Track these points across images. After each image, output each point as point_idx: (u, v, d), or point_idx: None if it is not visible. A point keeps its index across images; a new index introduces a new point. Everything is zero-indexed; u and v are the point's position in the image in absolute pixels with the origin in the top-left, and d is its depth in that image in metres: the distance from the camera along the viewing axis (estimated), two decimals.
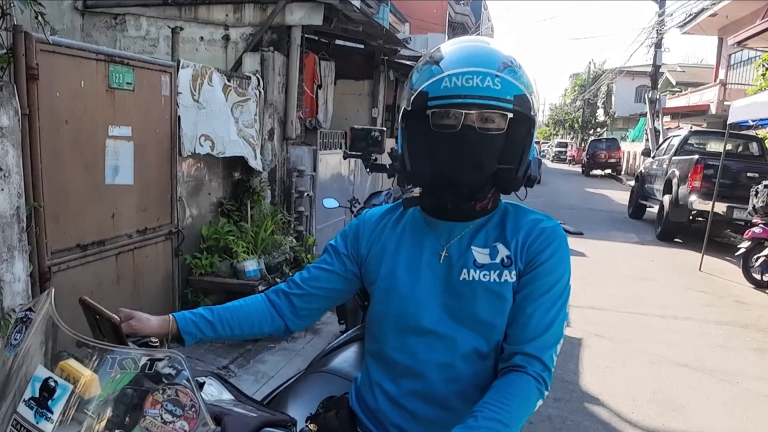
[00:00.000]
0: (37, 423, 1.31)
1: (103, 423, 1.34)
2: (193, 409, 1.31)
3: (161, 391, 1.32)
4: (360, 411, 1.94)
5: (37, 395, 1.33)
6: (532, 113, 1.71)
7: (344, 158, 5.40)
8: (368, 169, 4.79)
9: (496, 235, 1.81)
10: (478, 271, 1.76)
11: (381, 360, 1.89)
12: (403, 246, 1.88)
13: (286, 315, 1.98)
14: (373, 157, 4.85)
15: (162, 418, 1.30)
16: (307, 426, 1.62)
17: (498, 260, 1.76)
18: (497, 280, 1.74)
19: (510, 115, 1.65)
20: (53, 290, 1.51)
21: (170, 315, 1.85)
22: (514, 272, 1.75)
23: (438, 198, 1.81)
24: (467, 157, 1.68)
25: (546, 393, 1.72)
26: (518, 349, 1.72)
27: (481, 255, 1.78)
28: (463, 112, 1.64)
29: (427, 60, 1.76)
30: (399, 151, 1.81)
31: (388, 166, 1.98)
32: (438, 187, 1.77)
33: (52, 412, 1.31)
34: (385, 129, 4.70)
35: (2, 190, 3.61)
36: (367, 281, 1.95)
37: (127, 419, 1.34)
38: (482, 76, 1.62)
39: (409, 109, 1.73)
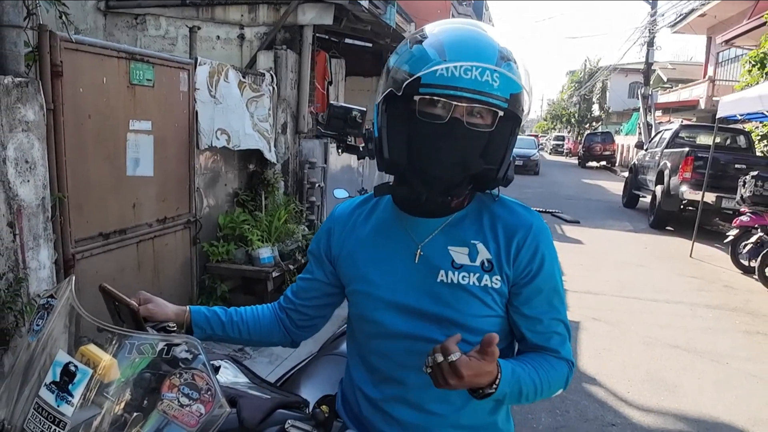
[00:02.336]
0: (59, 406, 1.29)
1: (122, 406, 1.32)
2: (209, 393, 1.28)
3: (178, 375, 1.30)
4: (345, 416, 1.82)
5: (58, 379, 1.31)
6: (522, 111, 1.54)
7: (317, 136, 5.03)
8: (339, 150, 4.54)
9: (474, 231, 1.63)
10: (456, 273, 1.60)
11: (361, 364, 1.77)
12: (376, 245, 1.71)
13: (290, 329, 1.92)
14: (348, 138, 4.57)
15: (179, 402, 1.27)
16: (319, 408, 1.58)
17: (478, 263, 1.60)
18: (477, 283, 1.59)
19: (501, 113, 1.48)
20: (74, 278, 1.49)
21: (188, 306, 1.80)
22: (498, 278, 1.59)
23: (412, 189, 1.59)
24: (451, 153, 1.50)
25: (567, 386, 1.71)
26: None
27: (459, 255, 1.61)
28: (454, 103, 1.45)
29: (418, 39, 1.54)
30: (375, 134, 1.62)
31: (361, 149, 1.78)
32: (414, 180, 1.57)
33: (72, 396, 1.29)
34: (365, 109, 4.42)
35: (28, 181, 3.60)
36: (343, 282, 1.80)
37: (145, 402, 1.33)
38: (482, 68, 1.43)
39: (400, 94, 1.51)
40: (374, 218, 1.76)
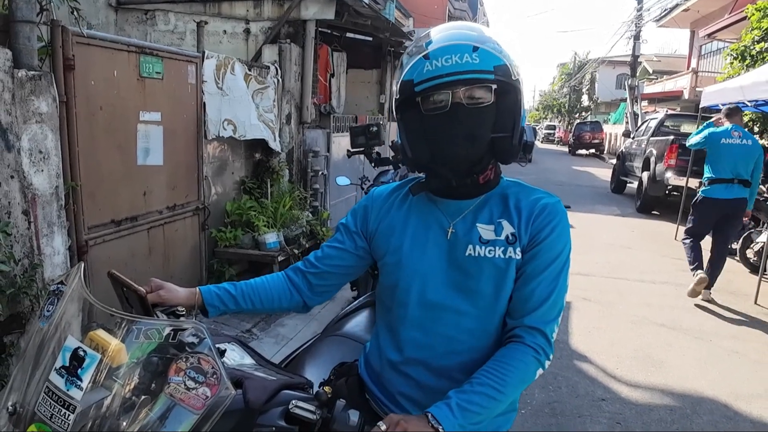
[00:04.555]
0: (68, 390, 1.27)
1: (130, 389, 1.30)
2: (215, 376, 1.26)
3: (184, 360, 1.28)
4: (368, 378, 1.87)
5: (67, 364, 1.29)
6: (514, 79, 1.59)
7: (348, 156, 5.18)
8: (373, 164, 4.63)
9: (500, 211, 1.69)
10: (483, 247, 1.66)
11: (389, 330, 1.81)
12: (411, 222, 1.77)
13: (304, 292, 1.90)
14: (376, 152, 4.67)
15: (185, 385, 1.25)
16: (322, 389, 1.55)
17: (503, 237, 1.66)
18: (502, 256, 1.64)
19: (494, 86, 1.55)
20: (83, 264, 1.47)
21: (197, 288, 1.79)
22: (519, 249, 1.65)
23: (442, 178, 1.68)
24: (460, 132, 1.57)
25: (547, 363, 1.66)
26: (519, 322, 1.65)
27: (486, 231, 1.67)
28: (450, 91, 1.54)
29: (408, 51, 1.67)
30: (399, 141, 1.72)
31: (391, 158, 1.87)
32: (438, 167, 1.66)
33: (81, 380, 1.27)
34: (381, 122, 4.51)
35: (42, 171, 3.57)
36: (377, 255, 1.85)
37: (152, 386, 1.31)
38: (460, 53, 1.53)
39: (398, 97, 1.65)
40: (410, 200, 1.81)
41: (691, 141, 7.47)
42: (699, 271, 6.95)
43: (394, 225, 1.80)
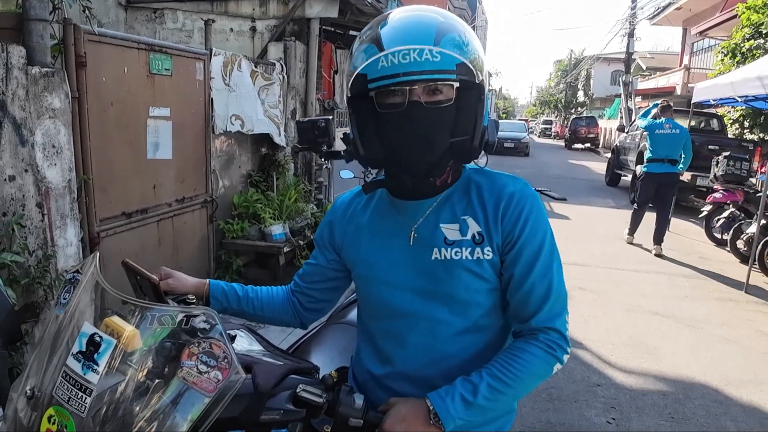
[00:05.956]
0: (85, 374, 1.27)
1: (144, 373, 1.30)
2: (226, 360, 1.26)
3: (197, 345, 1.28)
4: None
5: (84, 349, 1.29)
6: (478, 81, 1.42)
7: (294, 152, 4.97)
8: (323, 158, 4.48)
9: (463, 206, 1.54)
10: (449, 249, 1.52)
11: (369, 344, 1.71)
12: (374, 230, 1.64)
13: (299, 311, 1.87)
14: (325, 146, 4.52)
15: (198, 369, 1.25)
16: (328, 374, 1.55)
17: (469, 236, 1.51)
18: (470, 257, 1.50)
19: (456, 84, 1.39)
20: (98, 254, 1.47)
21: (207, 280, 1.78)
22: (488, 248, 1.50)
23: (396, 179, 1.56)
24: (417, 136, 1.41)
25: (566, 357, 1.53)
26: (527, 326, 1.53)
27: (450, 231, 1.53)
28: (407, 87, 1.37)
29: (361, 39, 1.46)
30: (351, 136, 1.54)
31: (342, 152, 1.72)
32: (393, 168, 1.54)
33: (98, 365, 1.27)
34: (330, 117, 4.36)
35: (55, 165, 3.57)
36: (349, 267, 1.74)
37: (166, 370, 1.31)
38: (419, 48, 1.35)
39: (349, 94, 1.48)
40: (372, 205, 1.70)
41: (639, 122, 9.64)
42: (631, 237, 9.48)
43: (358, 236, 1.68)
